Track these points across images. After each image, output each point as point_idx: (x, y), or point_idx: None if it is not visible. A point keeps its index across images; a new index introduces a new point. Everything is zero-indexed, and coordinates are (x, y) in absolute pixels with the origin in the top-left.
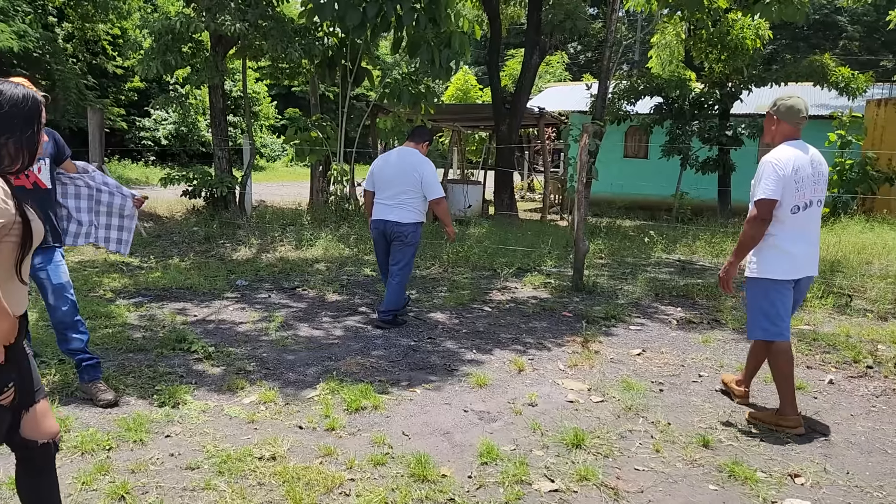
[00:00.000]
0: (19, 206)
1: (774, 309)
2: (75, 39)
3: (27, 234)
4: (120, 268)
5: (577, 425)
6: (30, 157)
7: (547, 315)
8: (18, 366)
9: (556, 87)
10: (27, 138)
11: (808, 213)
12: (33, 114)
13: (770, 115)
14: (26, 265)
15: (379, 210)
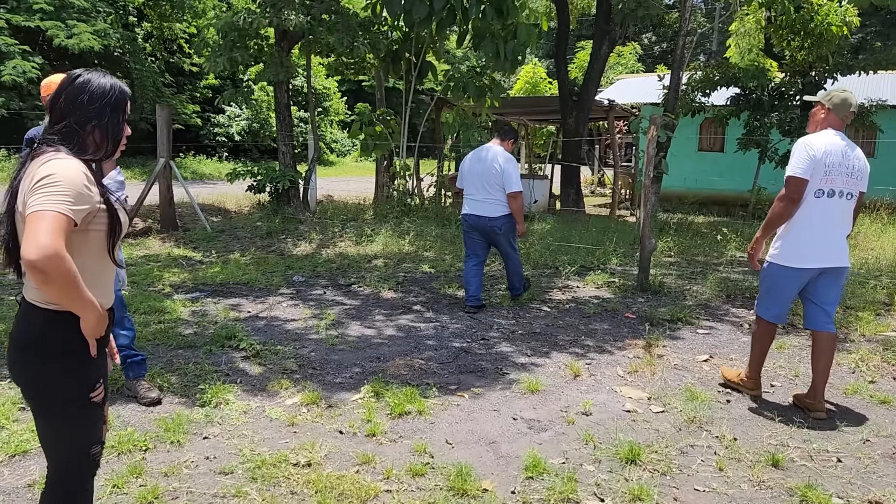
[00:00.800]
0: (104, 193)
1: (778, 292)
2: (154, 38)
3: (114, 222)
4: (181, 262)
5: (634, 438)
6: (114, 145)
7: (608, 316)
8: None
9: (627, 78)
10: (113, 127)
11: (833, 201)
12: (119, 103)
13: (822, 105)
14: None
15: (470, 205)
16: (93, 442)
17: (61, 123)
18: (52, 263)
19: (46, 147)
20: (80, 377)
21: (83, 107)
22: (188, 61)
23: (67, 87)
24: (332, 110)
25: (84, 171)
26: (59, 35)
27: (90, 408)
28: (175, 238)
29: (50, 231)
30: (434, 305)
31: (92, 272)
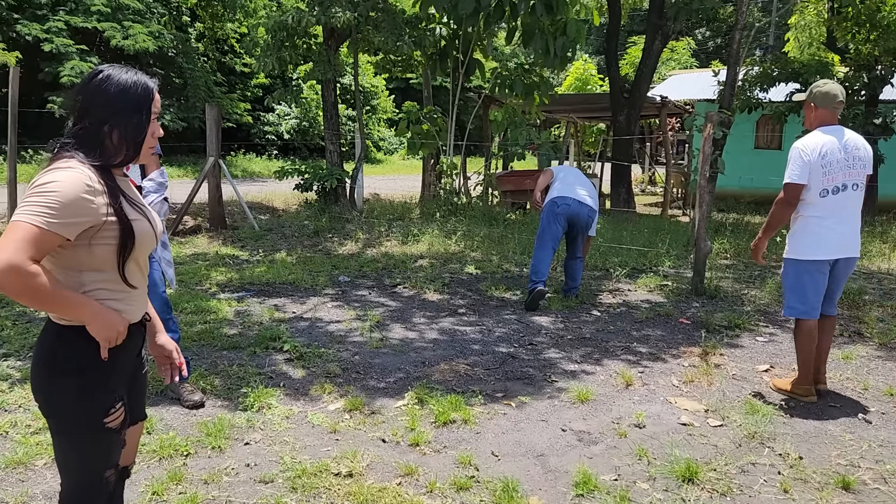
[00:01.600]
0: (118, 205)
1: (803, 288)
2: (206, 39)
3: (126, 237)
4: (228, 261)
5: (691, 454)
6: (135, 148)
7: (661, 322)
8: (132, 379)
9: (680, 74)
10: (133, 127)
11: (841, 196)
12: (142, 101)
13: (807, 102)
14: (135, 270)
15: (576, 193)
16: (106, 467)
17: (78, 125)
18: (8, 279)
19: (64, 152)
20: (94, 399)
21: (99, 107)
22: (239, 61)
23: (87, 85)
24: (380, 108)
25: (86, 181)
26: (115, 36)
27: (104, 433)
28: (223, 236)
29: (14, 243)
30: (480, 308)
31: (107, 287)
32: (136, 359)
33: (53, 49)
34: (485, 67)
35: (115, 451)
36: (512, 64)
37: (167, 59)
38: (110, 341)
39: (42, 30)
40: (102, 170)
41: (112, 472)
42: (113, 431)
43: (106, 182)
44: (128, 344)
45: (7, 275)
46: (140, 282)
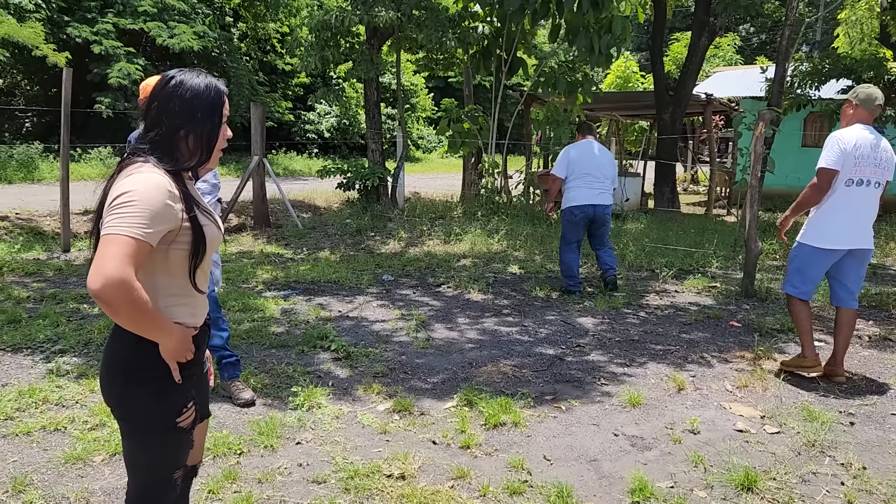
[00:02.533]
0: (191, 209)
1: (807, 271)
2: (248, 38)
3: (198, 241)
4: (273, 260)
5: (748, 462)
6: (208, 152)
7: (711, 324)
8: (198, 380)
9: (725, 71)
10: (207, 132)
11: (862, 190)
12: (214, 105)
13: (850, 101)
14: (201, 275)
15: (588, 195)
16: (176, 467)
17: (153, 131)
18: (116, 294)
19: (136, 157)
20: (168, 402)
21: (175, 112)
22: (281, 60)
23: (160, 91)
24: (419, 107)
25: (167, 186)
26: (161, 35)
27: (176, 433)
28: (267, 235)
29: (118, 258)
30: (524, 308)
31: (177, 292)
32: (201, 361)
33: (102, 51)
34: (528, 65)
35: (184, 451)
36: (553, 62)
37: (211, 58)
38: (180, 360)
39: (91, 32)
40: (175, 174)
41: (180, 472)
42: (184, 431)
43: (179, 186)
44: (198, 348)
45: (115, 290)
46: (205, 286)
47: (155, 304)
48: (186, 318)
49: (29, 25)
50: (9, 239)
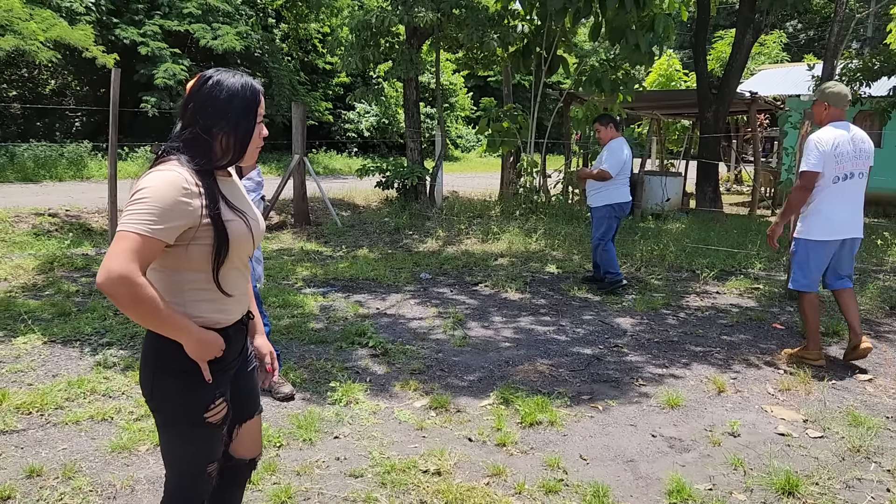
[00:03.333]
0: (212, 206)
1: (808, 265)
2: (290, 39)
3: (221, 241)
4: (313, 257)
5: (790, 466)
6: (241, 151)
7: (753, 326)
8: (240, 375)
9: (769, 69)
10: (242, 131)
11: (848, 183)
12: (250, 104)
13: (819, 101)
14: (234, 275)
15: (627, 192)
16: (208, 461)
17: (188, 129)
18: (118, 289)
19: (168, 155)
20: (195, 396)
21: (210, 112)
22: (322, 60)
23: (198, 90)
24: (458, 106)
25: (182, 183)
26: (205, 37)
27: (204, 427)
28: (307, 232)
29: (122, 253)
30: (561, 308)
31: (201, 288)
32: (241, 356)
33: (149, 52)
34: (568, 64)
35: (216, 446)
36: (594, 60)
37: (254, 58)
38: (206, 360)
39: (138, 33)
40: (204, 172)
41: (214, 466)
42: (213, 426)
43: (204, 184)
44: (230, 345)
45: (115, 285)
46: (239, 285)
47: (181, 300)
48: (213, 314)
49: (79, 28)
50: (59, 235)
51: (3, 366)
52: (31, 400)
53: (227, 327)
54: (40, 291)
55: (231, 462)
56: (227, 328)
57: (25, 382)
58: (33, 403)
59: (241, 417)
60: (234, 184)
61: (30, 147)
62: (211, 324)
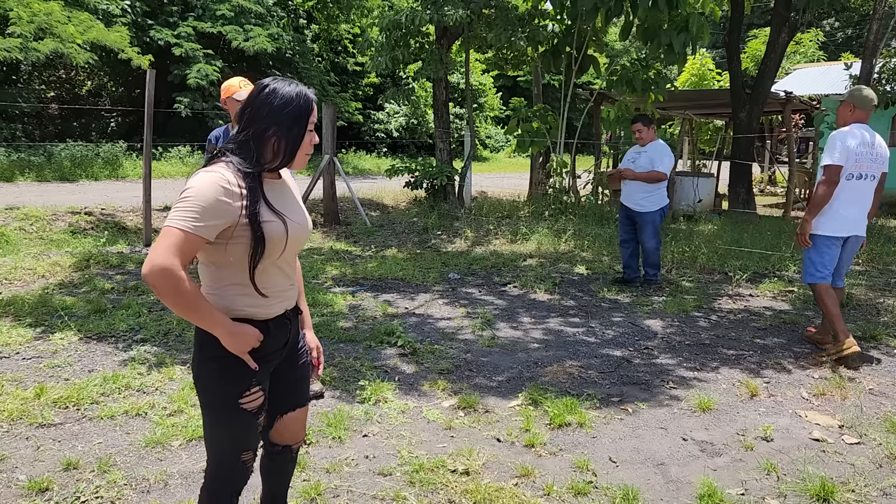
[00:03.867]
0: (252, 207)
1: (821, 259)
2: (321, 40)
3: (257, 239)
4: (342, 256)
5: (825, 472)
6: (291, 156)
7: (787, 330)
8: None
9: (805, 68)
10: (293, 137)
11: (861, 182)
12: (303, 113)
13: (847, 103)
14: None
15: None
16: (243, 448)
17: (243, 133)
18: (159, 280)
19: (221, 156)
20: (232, 381)
21: (265, 118)
22: (351, 61)
23: (255, 97)
24: (488, 106)
25: (224, 184)
26: (237, 38)
27: (239, 413)
28: (337, 232)
29: (165, 248)
30: (591, 309)
31: (238, 283)
32: (286, 348)
33: (182, 53)
34: (599, 63)
35: (250, 434)
36: (625, 60)
37: (285, 59)
38: (243, 352)
39: (173, 35)
40: (250, 174)
41: (250, 455)
42: (248, 413)
43: (248, 186)
44: (269, 338)
45: (157, 276)
46: (278, 282)
47: (222, 293)
48: (251, 308)
49: (115, 30)
50: (94, 233)
51: (40, 361)
52: (67, 394)
53: (268, 321)
54: (76, 288)
55: (273, 448)
56: (267, 322)
57: (62, 377)
58: (70, 398)
59: (282, 408)
60: (285, 186)
61: (67, 147)
62: (250, 317)
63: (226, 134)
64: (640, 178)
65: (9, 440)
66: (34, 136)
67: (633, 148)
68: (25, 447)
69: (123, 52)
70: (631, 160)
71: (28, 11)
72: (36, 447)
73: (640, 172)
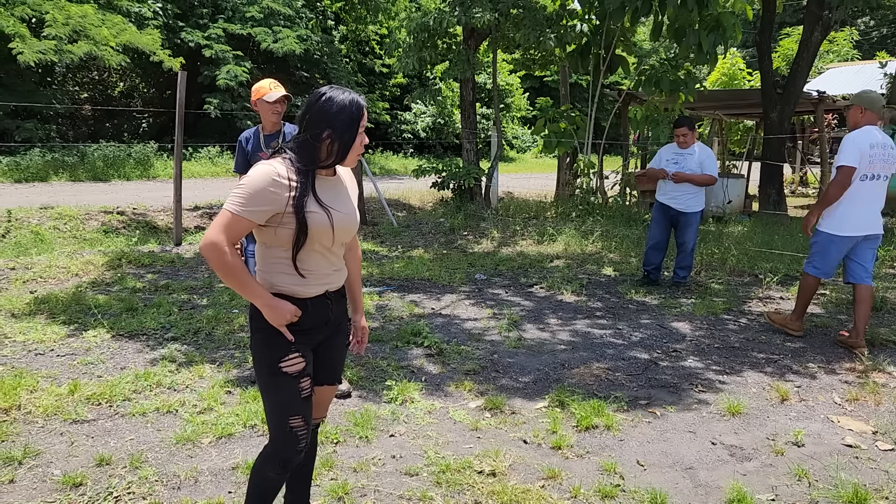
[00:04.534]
0: (299, 198)
1: (828, 255)
2: (349, 41)
3: (300, 230)
4: (369, 256)
5: (858, 479)
6: (343, 155)
7: (819, 334)
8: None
9: (838, 67)
10: (346, 140)
11: (873, 183)
12: (355, 118)
13: (858, 106)
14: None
15: None
16: (289, 413)
17: (301, 135)
18: (208, 253)
19: (281, 153)
20: (272, 347)
21: (322, 122)
22: (379, 62)
23: (314, 103)
24: (514, 106)
25: (274, 175)
26: (266, 40)
27: (281, 376)
28: (363, 232)
29: (217, 226)
30: (618, 311)
31: (281, 261)
32: (328, 326)
33: (212, 55)
34: (628, 63)
35: (294, 398)
36: (654, 59)
37: (313, 60)
38: (281, 324)
39: (203, 37)
40: (303, 171)
41: (298, 421)
42: (289, 377)
43: (299, 180)
44: (307, 314)
45: (207, 249)
46: (320, 266)
47: (269, 270)
48: (291, 286)
49: (147, 32)
50: (126, 232)
51: (74, 358)
52: (100, 391)
53: (306, 299)
54: (109, 287)
55: None
56: (305, 300)
57: (95, 374)
58: (103, 395)
59: (318, 381)
60: (339, 182)
61: (99, 147)
62: (290, 294)
63: (255, 135)
64: (695, 180)
65: (44, 435)
66: (68, 137)
67: (669, 148)
68: (60, 442)
69: (155, 54)
70: (674, 161)
71: (63, 14)
72: (70, 442)
73: (695, 175)
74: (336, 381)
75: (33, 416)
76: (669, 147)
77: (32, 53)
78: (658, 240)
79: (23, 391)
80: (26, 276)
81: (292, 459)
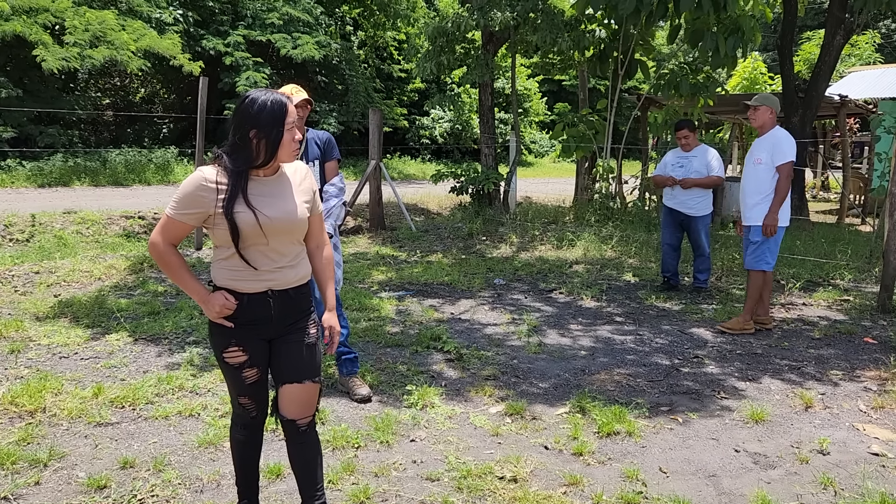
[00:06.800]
0: (225, 200)
1: (775, 248)
2: (367, 47)
3: (231, 226)
4: (388, 261)
5: (885, 488)
6: (272, 152)
7: (843, 340)
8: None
9: (860, 71)
10: (273, 137)
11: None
12: (278, 115)
13: (769, 107)
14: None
15: None
16: (238, 394)
17: (232, 138)
18: (150, 251)
19: (218, 158)
20: (216, 336)
21: (245, 124)
22: (397, 67)
23: (238, 106)
24: (532, 111)
25: (202, 181)
26: (285, 46)
27: (225, 365)
28: (382, 237)
29: (157, 228)
30: (638, 317)
31: (223, 258)
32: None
33: (233, 61)
34: (647, 67)
35: (240, 384)
36: (673, 63)
37: (331, 66)
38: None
39: (223, 44)
40: (235, 172)
41: (247, 400)
42: (232, 367)
43: (229, 182)
44: (241, 309)
45: (150, 248)
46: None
47: (215, 266)
48: (230, 282)
49: (167, 38)
50: (147, 237)
51: (97, 361)
52: (123, 394)
53: (244, 294)
54: (131, 291)
55: (283, 418)
56: (242, 294)
57: (118, 377)
58: (126, 398)
59: (282, 379)
60: (280, 181)
61: (121, 152)
62: (230, 288)
63: None
64: (702, 184)
65: (69, 438)
66: (90, 143)
67: (673, 153)
68: (84, 445)
69: (175, 58)
70: (679, 165)
71: (83, 20)
72: (94, 445)
73: (700, 178)
74: (301, 380)
75: (58, 419)
76: (673, 151)
77: (56, 60)
78: (672, 245)
79: (48, 394)
80: (50, 279)
81: (248, 424)
